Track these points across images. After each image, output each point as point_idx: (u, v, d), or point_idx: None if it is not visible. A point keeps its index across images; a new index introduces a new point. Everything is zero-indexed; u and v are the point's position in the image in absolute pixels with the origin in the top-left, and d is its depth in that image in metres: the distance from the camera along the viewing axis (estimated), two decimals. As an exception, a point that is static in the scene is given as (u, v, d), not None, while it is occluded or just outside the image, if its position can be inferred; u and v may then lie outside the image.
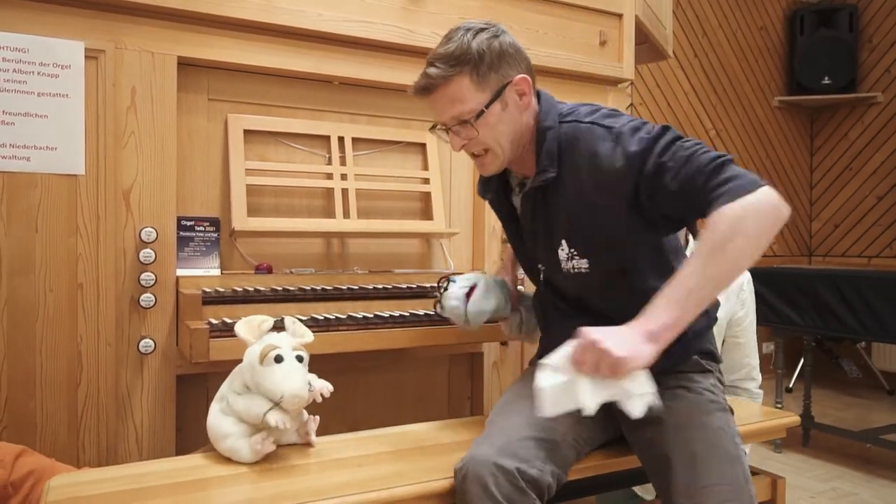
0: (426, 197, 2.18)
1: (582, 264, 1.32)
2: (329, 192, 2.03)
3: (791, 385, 4.61)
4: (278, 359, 1.31)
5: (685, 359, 1.38)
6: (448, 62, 1.27)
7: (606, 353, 1.08)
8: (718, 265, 1.10)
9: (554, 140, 1.31)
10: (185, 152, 1.86)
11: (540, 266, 1.44)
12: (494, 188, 1.51)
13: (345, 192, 2.02)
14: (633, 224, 1.27)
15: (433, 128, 1.40)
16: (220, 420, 1.34)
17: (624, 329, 1.12)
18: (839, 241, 5.10)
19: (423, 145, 2.19)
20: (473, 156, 1.38)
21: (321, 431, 1.49)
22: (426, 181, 2.16)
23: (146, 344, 1.69)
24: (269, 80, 1.97)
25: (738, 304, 2.10)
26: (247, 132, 1.93)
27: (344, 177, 2.03)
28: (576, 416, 1.27)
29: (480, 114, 1.28)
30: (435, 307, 1.65)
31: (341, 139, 2.05)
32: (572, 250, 1.33)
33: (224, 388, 1.39)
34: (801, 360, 4.60)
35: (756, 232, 1.10)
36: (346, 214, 2.01)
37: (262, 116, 1.97)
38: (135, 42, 1.71)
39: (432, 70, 1.29)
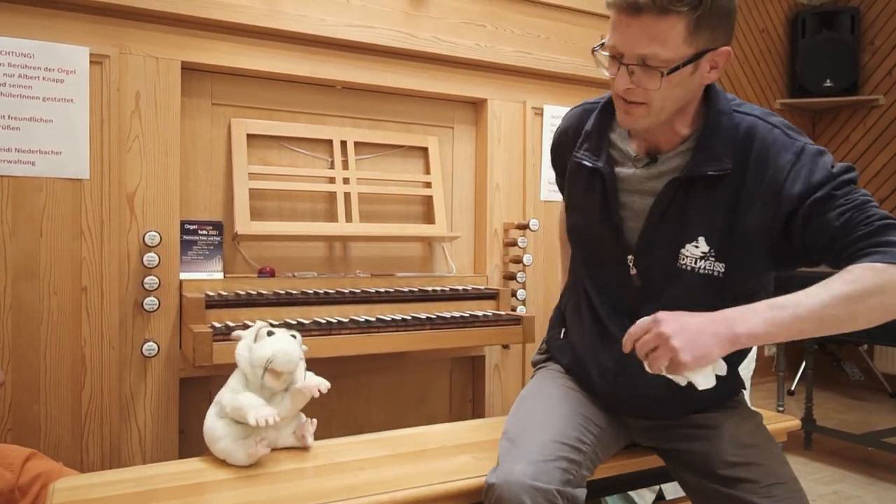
0: (428, 200, 2.19)
1: (718, 267, 1.20)
2: (331, 196, 2.04)
3: (793, 388, 4.61)
4: (270, 333, 1.36)
5: (734, 393, 1.39)
6: None
7: (672, 350, 1.03)
8: (841, 310, 1.05)
9: (731, 128, 1.19)
10: (189, 156, 1.87)
11: (630, 258, 1.27)
12: (606, 156, 1.29)
13: (347, 195, 2.03)
14: (773, 246, 1.20)
15: (597, 48, 1.18)
16: (214, 423, 1.35)
17: (705, 323, 1.05)
18: (841, 244, 5.09)
19: (425, 149, 2.20)
20: (625, 102, 1.17)
21: (323, 434, 1.50)
22: (428, 185, 2.17)
23: (150, 347, 1.70)
24: (272, 84, 1.99)
25: None
26: (250, 136, 1.94)
27: (346, 181, 2.04)
28: (597, 430, 1.30)
29: (675, 69, 1.10)
30: None
31: (344, 143, 2.06)
32: (711, 250, 1.20)
33: (222, 391, 1.39)
34: (803, 363, 4.61)
35: (882, 305, 1.06)
36: (349, 218, 2.02)
37: (265, 121, 1.98)
38: (139, 47, 1.72)
39: None
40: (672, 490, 2.06)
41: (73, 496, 1.17)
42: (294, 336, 1.39)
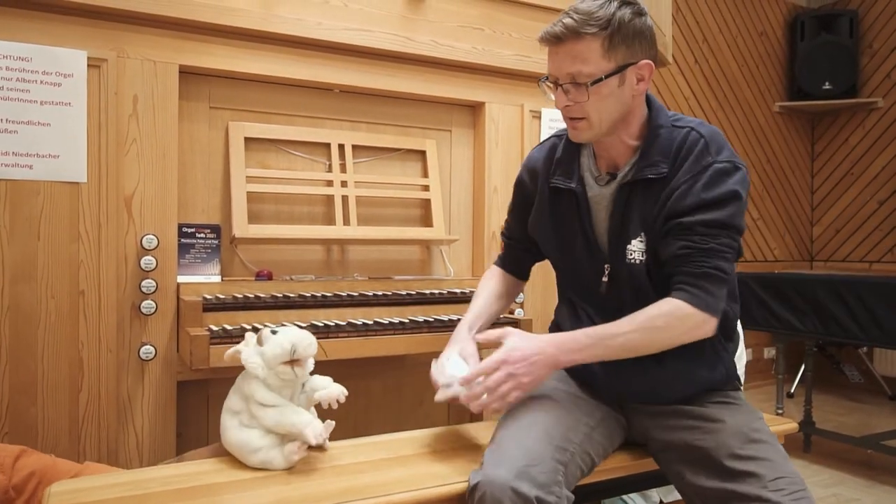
0: (426, 204, 2.19)
1: (646, 258, 1.36)
2: (329, 199, 2.04)
3: (793, 390, 4.60)
4: (273, 332, 1.35)
5: (727, 382, 1.45)
6: (588, 20, 1.25)
7: (517, 378, 1.27)
8: (640, 337, 1.29)
9: (668, 139, 1.34)
10: (187, 160, 1.87)
11: (606, 266, 1.41)
12: (576, 178, 1.43)
13: (345, 199, 2.03)
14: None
15: (542, 80, 1.37)
16: (245, 434, 1.32)
17: (537, 349, 1.30)
18: (840, 246, 5.09)
19: (423, 153, 2.20)
20: (569, 120, 1.36)
21: (321, 437, 1.50)
22: (426, 188, 2.17)
23: (147, 350, 1.70)
24: (269, 87, 1.99)
25: None
26: (248, 139, 1.94)
27: (344, 184, 2.05)
28: (587, 430, 1.33)
29: (597, 81, 1.27)
30: None
31: (341, 146, 2.07)
32: (644, 241, 1.36)
33: (234, 402, 1.37)
34: (803, 366, 4.61)
35: (671, 339, 1.30)
36: (347, 221, 2.02)
37: (263, 124, 1.98)
38: (137, 51, 1.73)
39: (569, 21, 1.26)
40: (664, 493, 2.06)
41: (70, 500, 1.17)
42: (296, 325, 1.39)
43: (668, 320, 1.27)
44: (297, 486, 1.25)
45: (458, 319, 1.90)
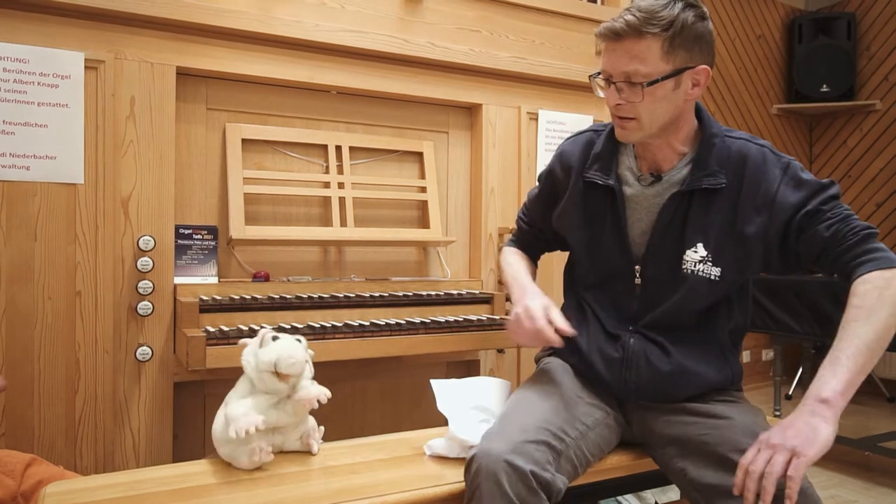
0: (423, 205, 2.19)
1: (714, 271, 1.34)
2: (326, 201, 2.05)
3: (791, 392, 4.61)
4: (274, 338, 1.37)
5: (726, 383, 1.43)
6: (650, 18, 1.23)
7: (790, 451, 1.10)
8: (874, 331, 1.17)
9: (724, 149, 1.35)
10: (184, 161, 1.88)
11: (637, 268, 1.40)
12: (613, 175, 1.41)
13: (342, 200, 2.04)
14: (767, 251, 1.34)
15: (594, 76, 1.36)
16: (222, 426, 1.34)
17: (798, 423, 1.13)
18: (838, 249, 5.10)
19: (420, 154, 2.20)
20: (619, 118, 1.34)
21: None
22: (423, 189, 2.18)
23: (143, 351, 1.70)
24: (266, 89, 1.99)
25: None
26: (245, 141, 1.94)
27: (341, 185, 2.05)
28: (583, 429, 1.33)
29: (654, 82, 1.25)
30: None
31: (338, 148, 2.07)
32: (708, 255, 1.34)
33: (231, 393, 1.40)
34: (800, 368, 4.61)
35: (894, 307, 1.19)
36: (343, 223, 2.02)
37: (260, 125, 1.98)
38: (134, 52, 1.73)
39: (631, 18, 1.24)
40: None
41: (65, 500, 1.17)
42: (299, 340, 1.39)
43: (887, 290, 1.19)
44: (292, 487, 1.25)
45: (455, 321, 1.92)
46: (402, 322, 1.87)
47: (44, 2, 1.62)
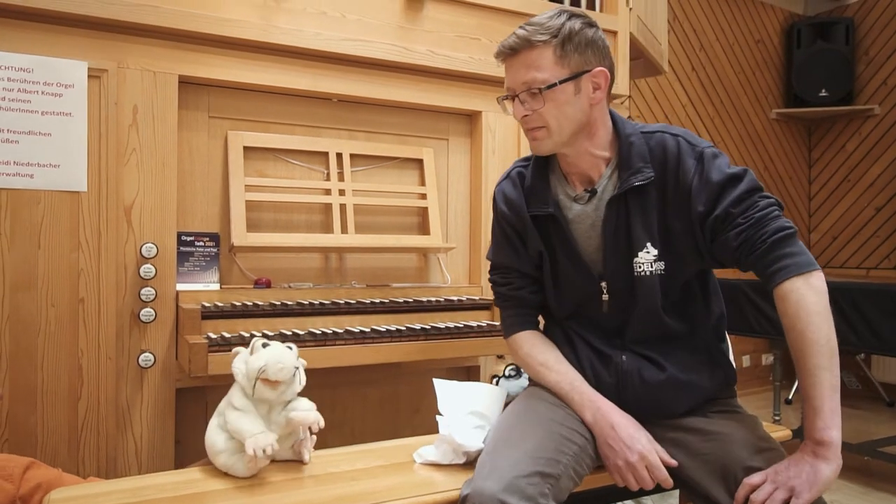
0: (423, 212, 2.21)
1: (660, 266, 1.35)
2: (327, 208, 2.06)
3: (790, 397, 4.61)
4: (265, 346, 1.37)
5: (727, 387, 1.45)
6: (539, 30, 1.30)
7: (791, 490, 1.16)
8: (827, 349, 1.20)
9: (643, 145, 1.36)
10: (186, 169, 1.89)
11: (603, 285, 1.40)
12: (551, 202, 1.42)
13: (343, 207, 2.05)
14: (696, 247, 1.35)
15: (500, 99, 1.41)
16: (217, 436, 1.36)
17: (803, 463, 1.18)
18: (838, 253, 5.11)
19: (421, 161, 2.22)
20: (529, 131, 1.37)
21: (318, 444, 1.51)
22: (423, 196, 2.19)
23: (146, 358, 1.72)
24: (268, 97, 2.01)
25: None
26: (246, 149, 1.96)
27: (342, 192, 2.06)
28: (580, 446, 1.31)
29: (552, 86, 1.30)
30: None
31: (339, 155, 2.09)
32: (655, 251, 1.35)
33: (223, 403, 1.41)
34: (801, 372, 4.61)
35: (822, 300, 1.23)
36: (344, 229, 2.03)
37: (262, 133, 2.00)
38: (137, 61, 1.75)
39: (521, 32, 1.31)
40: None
41: (69, 507, 1.19)
42: (290, 347, 1.40)
43: (814, 297, 1.22)
44: (294, 493, 1.26)
45: (455, 327, 1.93)
46: (403, 328, 1.88)
47: (47, 12, 1.64)
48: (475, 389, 1.55)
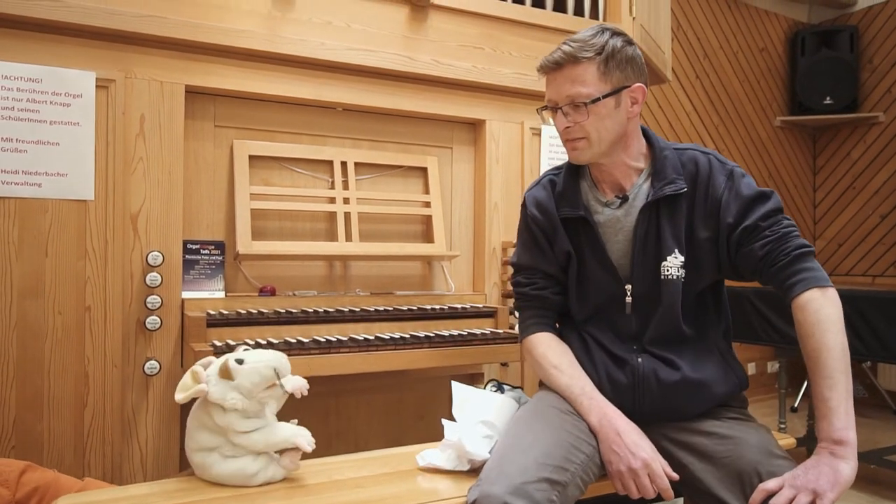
0: (427, 220, 2.22)
1: (683, 273, 1.41)
2: (332, 216, 2.07)
3: (796, 405, 4.59)
4: (239, 361, 1.31)
5: (735, 391, 1.47)
6: (583, 46, 1.37)
7: (815, 493, 1.16)
8: (841, 353, 1.26)
9: (676, 159, 1.44)
10: (192, 177, 1.91)
11: (628, 287, 1.44)
12: (581, 206, 1.46)
13: (347, 215, 2.06)
14: (717, 257, 1.43)
15: (541, 109, 1.47)
16: (235, 464, 1.31)
17: (822, 465, 1.20)
18: (843, 260, 5.10)
19: (425, 169, 2.23)
20: (569, 141, 1.42)
21: (323, 452, 1.52)
22: (427, 204, 2.20)
23: (151, 365, 1.73)
24: (273, 106, 2.03)
25: None
26: (252, 158, 1.97)
27: (346, 201, 2.08)
28: (587, 455, 1.32)
29: (596, 100, 1.37)
30: None
31: (344, 164, 2.10)
32: (682, 258, 1.41)
33: (205, 439, 1.32)
34: (806, 381, 4.59)
35: (837, 312, 1.29)
36: (349, 237, 2.04)
37: (267, 142, 2.01)
38: (144, 71, 1.77)
39: (566, 48, 1.37)
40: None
41: (75, 513, 1.19)
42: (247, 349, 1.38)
43: (831, 308, 1.29)
44: (299, 500, 1.26)
45: (459, 335, 1.94)
46: (407, 336, 1.89)
47: (56, 23, 1.66)
48: (489, 399, 1.55)
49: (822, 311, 1.28)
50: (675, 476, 1.32)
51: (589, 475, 1.31)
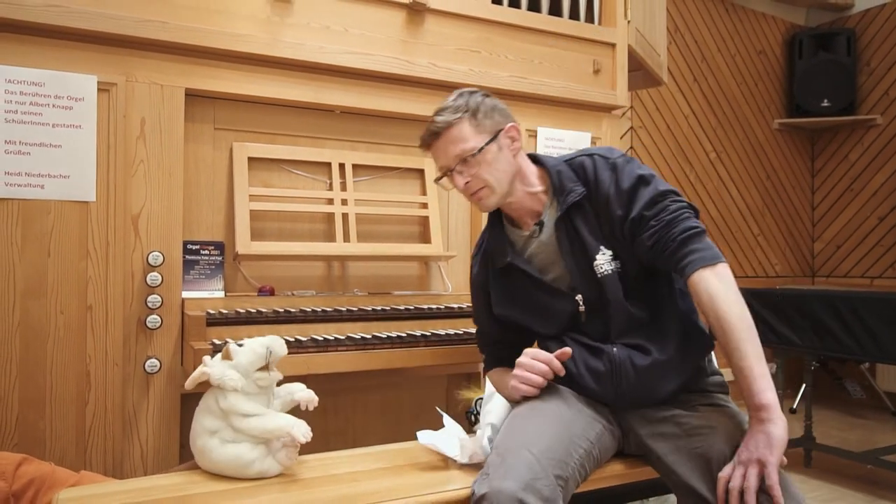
0: (424, 221, 2.24)
1: (617, 265, 1.48)
2: (330, 217, 2.10)
3: (795, 406, 4.60)
4: (239, 345, 1.43)
5: (703, 377, 1.53)
6: (451, 111, 1.50)
7: (761, 463, 1.23)
8: (745, 324, 1.31)
9: (568, 171, 1.53)
10: (192, 179, 1.94)
11: (578, 298, 1.51)
12: (509, 251, 1.56)
13: (345, 216, 2.09)
14: (628, 247, 1.48)
15: (438, 179, 1.59)
16: (233, 449, 1.36)
17: (756, 434, 1.26)
18: (842, 262, 5.11)
19: (422, 171, 2.26)
20: (472, 195, 1.53)
21: (322, 450, 1.54)
22: (424, 206, 2.23)
23: (152, 364, 1.75)
24: (272, 109, 2.06)
25: None
26: (251, 160, 2.00)
27: (344, 202, 2.10)
28: (587, 447, 1.38)
29: (481, 149, 1.48)
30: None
31: (342, 166, 2.13)
32: (609, 252, 1.48)
33: (209, 422, 1.39)
34: (804, 383, 4.61)
35: (729, 285, 1.35)
36: (347, 238, 2.07)
37: (266, 144, 2.04)
38: (145, 75, 1.80)
39: (438, 118, 1.50)
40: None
41: (76, 506, 1.22)
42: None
43: (720, 283, 1.34)
44: (295, 494, 1.29)
45: (456, 334, 1.96)
46: (404, 335, 1.91)
47: (59, 28, 1.69)
48: (499, 401, 1.58)
49: (712, 287, 1.33)
50: (568, 351, 1.44)
51: (586, 468, 1.37)
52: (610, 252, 1.48)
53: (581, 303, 1.50)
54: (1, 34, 1.65)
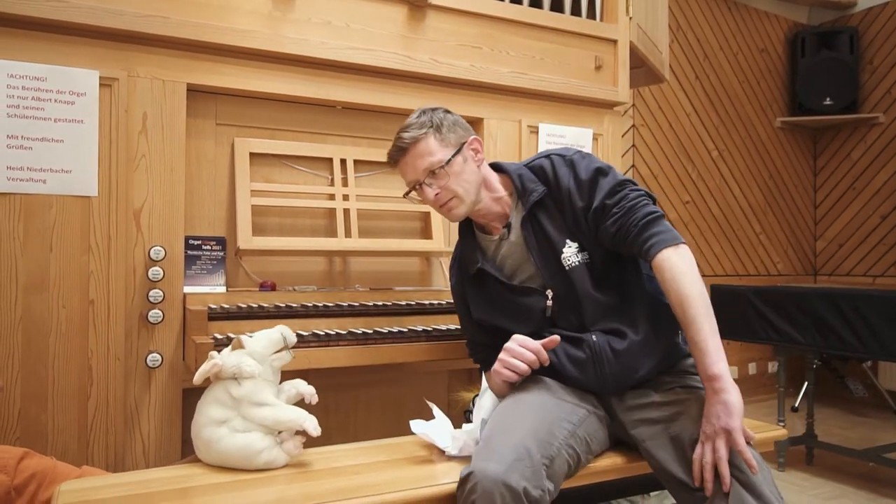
0: (425, 216, 2.24)
1: (584, 257, 1.53)
2: (331, 212, 2.10)
3: (797, 404, 4.60)
4: (250, 336, 1.46)
5: (677, 358, 1.57)
6: (416, 127, 1.57)
7: (727, 430, 1.28)
8: (701, 300, 1.37)
9: (528, 173, 1.60)
10: (194, 174, 1.94)
11: (548, 293, 1.55)
12: (481, 257, 1.63)
13: (346, 212, 2.09)
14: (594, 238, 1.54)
15: (407, 193, 1.65)
16: (244, 438, 1.37)
17: (713, 405, 1.31)
18: (844, 260, 5.11)
19: (423, 167, 2.25)
20: (442, 206, 1.58)
21: (324, 444, 1.54)
22: (426, 201, 2.23)
23: (154, 358, 1.76)
24: (274, 105, 2.06)
25: None
26: (253, 155, 2.01)
27: (346, 197, 2.11)
28: (570, 428, 1.41)
29: (448, 162, 1.55)
30: None
31: (343, 161, 2.13)
32: (575, 245, 1.54)
33: (216, 411, 1.41)
34: (806, 381, 4.60)
35: (691, 265, 1.40)
36: (348, 234, 2.07)
37: (268, 140, 2.05)
38: (147, 70, 1.80)
39: (404, 135, 1.57)
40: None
41: (78, 497, 1.22)
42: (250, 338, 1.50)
43: (682, 262, 1.40)
44: (297, 486, 1.29)
45: (457, 329, 1.96)
46: (405, 330, 1.92)
47: (61, 23, 1.69)
48: (490, 397, 1.59)
49: (675, 266, 1.39)
50: (556, 339, 1.47)
51: (574, 449, 1.39)
52: (576, 245, 1.53)
53: (549, 298, 1.56)
54: (3, 29, 1.65)
